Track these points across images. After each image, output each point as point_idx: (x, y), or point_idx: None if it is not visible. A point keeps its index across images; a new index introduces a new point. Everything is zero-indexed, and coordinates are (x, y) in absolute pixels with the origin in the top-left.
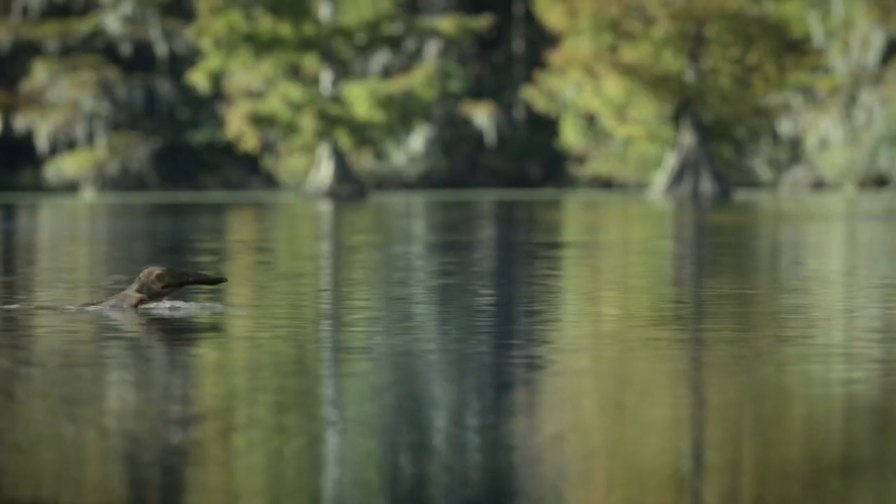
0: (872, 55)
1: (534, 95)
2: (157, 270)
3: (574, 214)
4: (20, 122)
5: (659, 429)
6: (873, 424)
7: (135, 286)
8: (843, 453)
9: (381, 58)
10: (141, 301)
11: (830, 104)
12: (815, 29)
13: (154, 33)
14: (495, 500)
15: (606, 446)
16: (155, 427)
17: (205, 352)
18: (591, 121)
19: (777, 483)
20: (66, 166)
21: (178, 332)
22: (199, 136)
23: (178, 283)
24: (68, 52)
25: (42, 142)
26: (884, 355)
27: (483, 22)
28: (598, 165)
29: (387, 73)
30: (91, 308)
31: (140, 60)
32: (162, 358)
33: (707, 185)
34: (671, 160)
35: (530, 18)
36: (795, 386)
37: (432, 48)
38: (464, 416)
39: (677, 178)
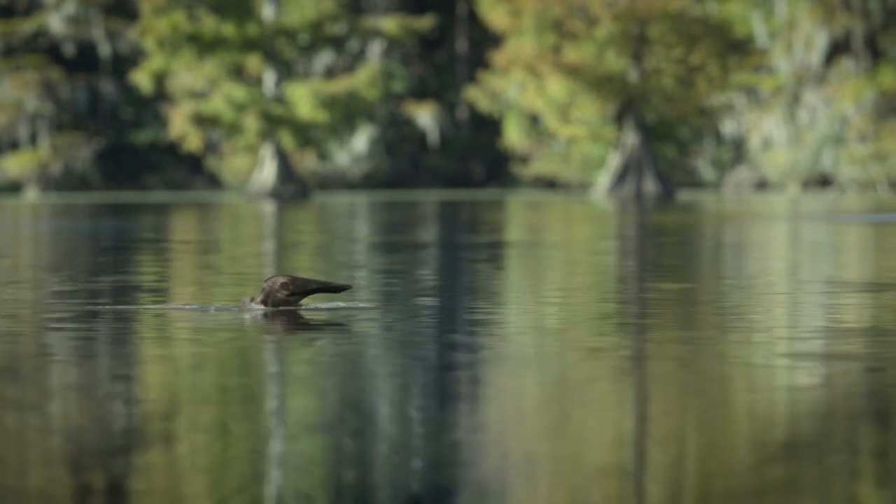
0: (816, 55)
1: (477, 95)
2: (280, 279)
3: (517, 214)
4: None
5: (598, 429)
6: (814, 416)
7: (259, 297)
8: (782, 442)
9: (324, 58)
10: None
11: (774, 104)
12: (759, 29)
13: (97, 33)
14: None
15: (545, 444)
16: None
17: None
18: (534, 121)
19: (717, 479)
20: (9, 167)
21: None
22: (143, 137)
23: (302, 292)
24: (11, 52)
25: None
26: (824, 351)
27: (426, 22)
28: (541, 165)
29: (330, 73)
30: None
31: (83, 61)
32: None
33: (650, 186)
34: (614, 160)
35: (473, 19)
36: (736, 381)
37: (375, 48)
38: (406, 413)
39: (620, 178)
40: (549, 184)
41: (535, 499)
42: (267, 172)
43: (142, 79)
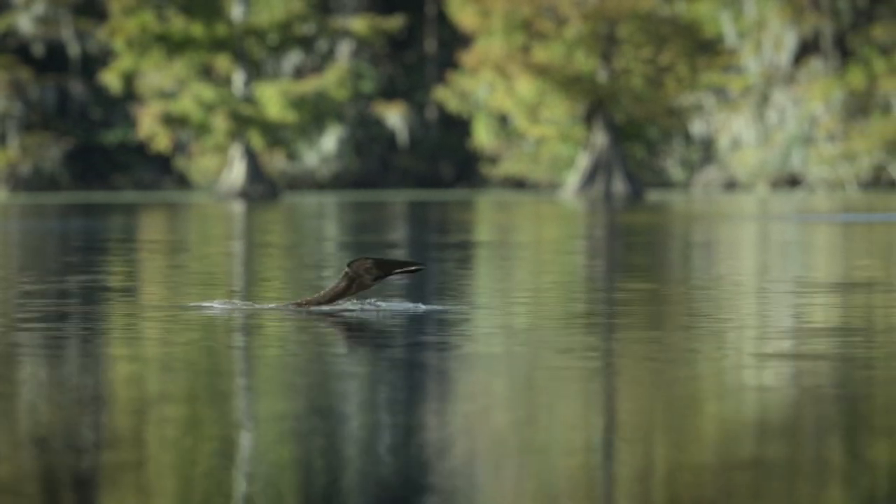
0: (785, 55)
1: (446, 96)
2: (366, 264)
3: (486, 214)
4: None
5: (566, 427)
6: (780, 415)
7: (344, 282)
8: (750, 441)
9: (293, 58)
10: (346, 294)
11: (743, 104)
12: (728, 29)
13: (66, 33)
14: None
15: (515, 441)
16: None
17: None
18: (503, 121)
19: (684, 478)
20: None
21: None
22: (112, 137)
23: (385, 274)
24: None
25: None
26: (792, 350)
27: (395, 22)
28: (510, 166)
29: (299, 73)
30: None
31: (52, 60)
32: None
33: (619, 186)
34: (583, 160)
35: (442, 19)
36: (704, 380)
37: (344, 48)
38: (374, 411)
39: (589, 178)
40: (519, 184)
41: (503, 496)
42: (236, 172)
43: (111, 79)
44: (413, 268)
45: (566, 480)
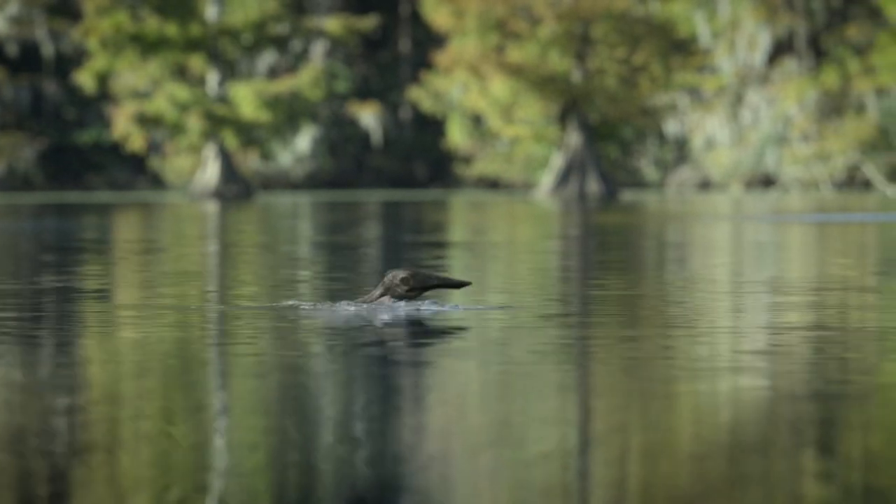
0: (759, 55)
1: (420, 96)
2: (401, 274)
3: (460, 215)
4: None
5: (540, 426)
6: (753, 413)
7: (378, 290)
8: (724, 440)
9: (267, 58)
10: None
11: (717, 104)
12: (702, 29)
13: (40, 33)
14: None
15: (490, 440)
16: None
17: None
18: (477, 121)
19: (658, 475)
20: None
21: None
22: (86, 137)
23: (422, 287)
24: None
25: None
26: (764, 349)
27: (369, 22)
28: (484, 166)
29: (273, 73)
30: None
31: (26, 61)
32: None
33: (593, 186)
34: (557, 160)
35: (416, 19)
36: (678, 380)
37: (318, 48)
38: (348, 412)
39: (564, 178)
40: (493, 184)
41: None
42: (210, 172)
43: (85, 79)
44: (456, 283)
45: (542, 478)
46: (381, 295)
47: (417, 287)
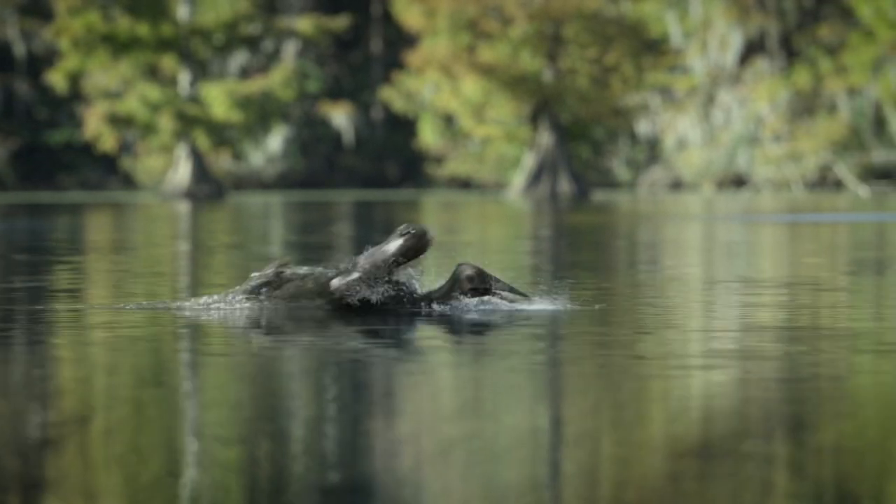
0: (730, 55)
1: (392, 96)
2: (468, 270)
3: (432, 214)
4: None
5: (513, 426)
6: (726, 414)
7: (447, 284)
8: (696, 441)
9: (239, 58)
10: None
11: (688, 104)
12: (673, 29)
13: (12, 33)
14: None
15: (463, 439)
16: None
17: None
18: (449, 121)
19: (630, 477)
20: None
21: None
22: (58, 137)
23: (483, 290)
24: None
25: None
26: (737, 348)
27: (341, 22)
28: (456, 166)
29: (245, 73)
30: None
31: None
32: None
33: (565, 186)
34: (529, 160)
35: (388, 19)
36: (651, 380)
37: (290, 48)
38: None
39: (535, 178)
40: (464, 184)
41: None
42: (182, 172)
43: (57, 79)
44: (518, 294)
45: (515, 476)
46: (450, 289)
47: (479, 288)
